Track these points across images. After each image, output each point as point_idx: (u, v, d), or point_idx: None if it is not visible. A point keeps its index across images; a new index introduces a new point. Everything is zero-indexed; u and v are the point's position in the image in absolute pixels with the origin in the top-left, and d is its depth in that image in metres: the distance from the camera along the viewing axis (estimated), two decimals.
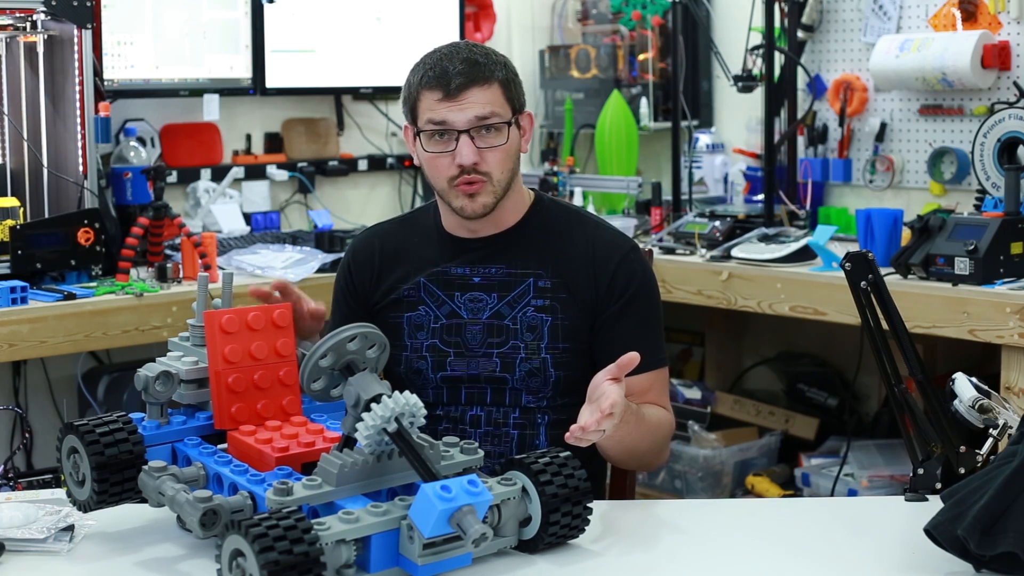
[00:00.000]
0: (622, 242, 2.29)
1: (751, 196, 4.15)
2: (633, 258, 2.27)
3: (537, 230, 2.28)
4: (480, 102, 2.15)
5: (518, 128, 2.22)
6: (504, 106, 2.18)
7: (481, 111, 2.15)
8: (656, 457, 2.25)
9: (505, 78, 2.19)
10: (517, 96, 2.22)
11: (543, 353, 2.21)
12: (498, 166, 2.18)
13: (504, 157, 2.18)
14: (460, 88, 2.14)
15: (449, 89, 2.14)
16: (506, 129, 2.17)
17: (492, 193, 2.19)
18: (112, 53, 3.61)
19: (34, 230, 3.18)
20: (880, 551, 1.73)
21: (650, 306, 2.27)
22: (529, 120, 2.26)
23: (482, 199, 2.19)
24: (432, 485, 1.54)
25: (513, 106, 2.20)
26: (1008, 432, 1.87)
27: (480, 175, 2.17)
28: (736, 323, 4.44)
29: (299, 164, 4.18)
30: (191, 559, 1.70)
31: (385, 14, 4.21)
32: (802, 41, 4.09)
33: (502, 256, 2.26)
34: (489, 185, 2.18)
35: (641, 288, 2.24)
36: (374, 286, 2.32)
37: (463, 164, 2.15)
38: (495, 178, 2.18)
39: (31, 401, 3.63)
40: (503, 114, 2.17)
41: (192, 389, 1.80)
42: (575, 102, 4.57)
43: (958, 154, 3.75)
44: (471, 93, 2.14)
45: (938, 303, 3.05)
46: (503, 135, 2.17)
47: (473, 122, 2.15)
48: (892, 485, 3.66)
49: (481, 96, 2.15)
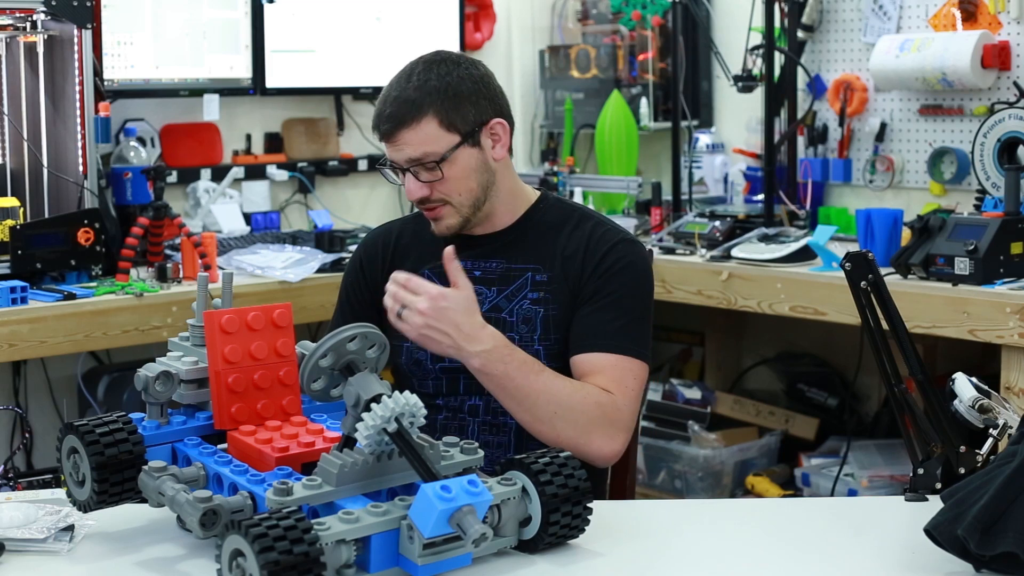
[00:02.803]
0: (617, 232, 2.28)
1: (751, 196, 4.15)
2: (623, 247, 2.25)
3: (537, 227, 2.30)
4: (411, 143, 2.17)
5: (476, 145, 2.21)
6: (440, 139, 2.17)
7: (413, 153, 2.18)
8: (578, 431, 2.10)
9: (440, 107, 2.16)
10: (463, 118, 2.18)
11: (536, 345, 2.22)
12: (451, 191, 2.21)
13: (454, 182, 2.20)
14: (389, 132, 2.19)
15: (382, 132, 2.20)
16: (443, 162, 2.18)
17: (455, 214, 2.23)
18: (112, 53, 3.61)
19: (34, 230, 3.18)
20: (880, 551, 1.73)
21: (630, 292, 2.22)
22: (502, 127, 2.24)
23: (446, 222, 2.24)
24: (432, 485, 1.54)
25: (459, 131, 2.18)
26: (1008, 432, 1.86)
27: (435, 202, 2.22)
28: (736, 323, 4.44)
29: (299, 164, 4.18)
30: (191, 559, 1.70)
31: (385, 14, 4.21)
32: (802, 41, 4.09)
33: (502, 252, 2.28)
34: (450, 207, 2.23)
35: (623, 271, 2.22)
36: (383, 278, 2.32)
37: (411, 199, 2.23)
38: (454, 201, 2.22)
39: (31, 401, 3.63)
40: (437, 149, 2.17)
41: (192, 389, 1.80)
42: (575, 102, 4.57)
43: (958, 154, 3.75)
44: (401, 135, 2.18)
45: (938, 303, 3.05)
46: (440, 172, 2.18)
47: (410, 162, 2.19)
48: (892, 485, 3.67)
49: (411, 137, 2.17)
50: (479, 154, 2.22)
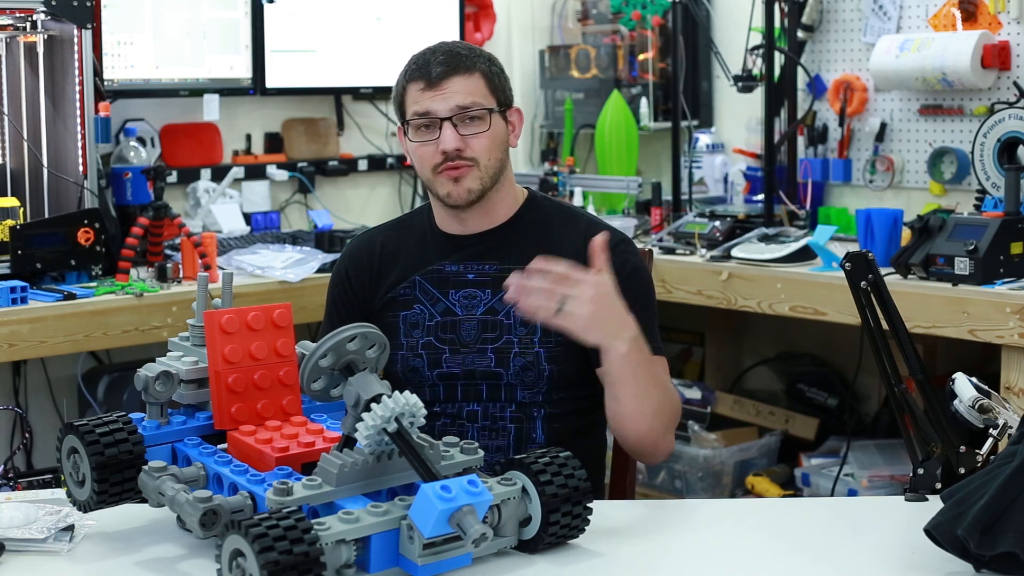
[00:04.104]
0: (615, 232, 2.29)
1: (751, 196, 4.15)
2: (623, 248, 2.26)
3: (530, 226, 2.30)
4: (461, 91, 2.19)
5: (504, 121, 2.25)
6: (487, 96, 2.21)
7: (462, 100, 2.18)
8: (663, 427, 2.13)
9: (488, 71, 2.23)
10: (502, 89, 2.25)
11: (536, 347, 2.21)
12: (484, 152, 2.20)
13: (489, 144, 2.21)
14: (441, 77, 2.18)
15: (430, 78, 2.19)
16: (489, 117, 2.20)
17: (478, 179, 2.21)
18: (112, 53, 3.61)
19: (34, 230, 3.18)
20: (880, 551, 1.73)
21: (640, 294, 2.23)
22: (518, 116, 2.30)
23: (467, 183, 2.21)
24: (432, 485, 1.54)
25: (498, 98, 2.23)
26: (1008, 432, 1.86)
27: (465, 160, 2.20)
28: (736, 323, 4.44)
29: (299, 164, 4.18)
30: (191, 559, 1.70)
31: (385, 14, 4.21)
32: (802, 41, 4.09)
33: (495, 252, 2.28)
34: (476, 170, 2.21)
35: (631, 276, 2.22)
36: (373, 289, 2.33)
37: (446, 150, 2.19)
38: (482, 164, 2.21)
39: (31, 401, 3.63)
40: (485, 103, 2.20)
41: (192, 389, 1.80)
42: (575, 102, 4.57)
43: (958, 154, 3.75)
44: (452, 82, 2.18)
45: (938, 303, 3.05)
46: (486, 123, 2.20)
47: (455, 110, 2.18)
48: (892, 485, 3.66)
49: (462, 85, 2.19)
50: (505, 130, 2.26)
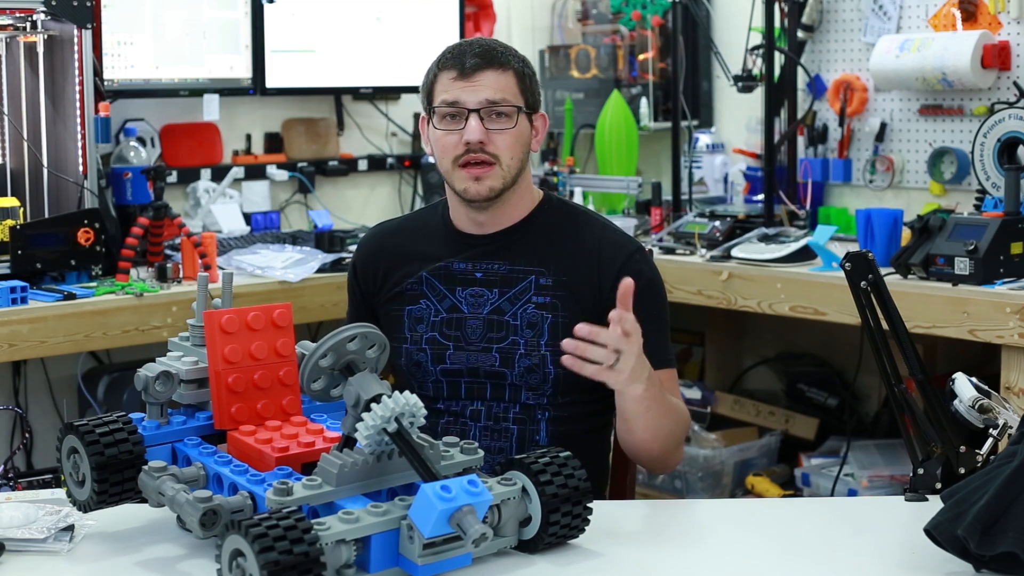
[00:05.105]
0: (627, 243, 2.30)
1: (751, 196, 4.15)
2: (639, 259, 2.27)
3: (542, 228, 2.30)
4: (492, 86, 2.19)
5: (530, 123, 2.26)
6: (517, 95, 2.22)
7: (492, 95, 2.19)
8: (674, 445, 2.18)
9: (521, 71, 2.24)
10: (532, 92, 2.25)
11: (543, 350, 2.21)
12: (507, 150, 2.20)
13: (513, 142, 2.21)
14: (474, 68, 2.19)
15: (464, 68, 2.19)
16: (516, 115, 2.21)
17: (500, 177, 2.21)
18: (112, 53, 3.61)
19: (34, 230, 3.18)
20: (880, 551, 1.73)
21: (655, 307, 2.26)
22: (543, 122, 2.30)
23: (489, 182, 2.21)
24: (432, 485, 1.54)
25: (526, 99, 2.24)
26: (1008, 432, 1.87)
27: (488, 156, 2.19)
28: (736, 323, 4.44)
29: (299, 164, 4.18)
30: (191, 559, 1.70)
31: (385, 14, 4.20)
32: (802, 41, 4.09)
33: (505, 253, 2.28)
34: (498, 169, 2.20)
35: (646, 288, 2.22)
36: (380, 283, 2.34)
37: (470, 141, 2.18)
38: (504, 162, 2.21)
39: (31, 401, 3.63)
40: (514, 101, 2.21)
41: (192, 389, 1.80)
42: (575, 102, 4.57)
43: (958, 154, 3.75)
44: (484, 75, 2.19)
45: (938, 303, 3.05)
46: (512, 120, 2.20)
47: (483, 103, 2.19)
48: (892, 485, 3.66)
49: (494, 80, 2.19)
50: (529, 132, 2.26)
